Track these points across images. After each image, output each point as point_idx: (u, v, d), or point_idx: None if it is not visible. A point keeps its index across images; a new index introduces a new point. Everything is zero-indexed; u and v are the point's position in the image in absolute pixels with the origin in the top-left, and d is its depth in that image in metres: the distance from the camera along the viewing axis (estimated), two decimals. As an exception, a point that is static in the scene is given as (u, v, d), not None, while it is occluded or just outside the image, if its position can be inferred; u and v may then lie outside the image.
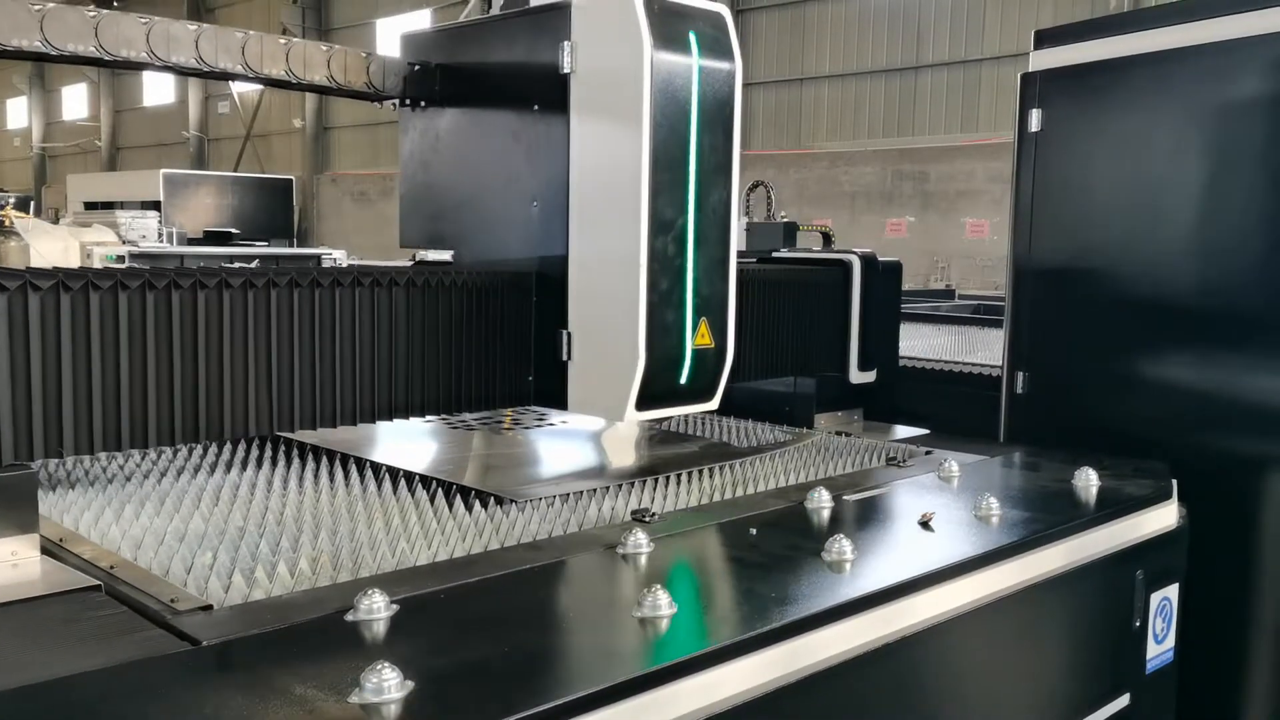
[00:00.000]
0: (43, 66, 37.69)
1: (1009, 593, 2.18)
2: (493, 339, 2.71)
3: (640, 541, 2.08)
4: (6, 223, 12.05)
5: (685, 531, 2.26)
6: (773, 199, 11.97)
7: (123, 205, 19.54)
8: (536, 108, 2.76)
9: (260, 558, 2.02)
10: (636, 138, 2.49)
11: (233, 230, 18.52)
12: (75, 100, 37.29)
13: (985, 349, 5.70)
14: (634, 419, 2.59)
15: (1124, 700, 2.55)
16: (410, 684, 1.43)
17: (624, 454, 2.86)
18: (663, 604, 1.73)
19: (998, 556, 2.18)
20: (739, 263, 2.77)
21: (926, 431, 3.40)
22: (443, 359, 2.62)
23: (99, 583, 1.83)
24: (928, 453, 3.12)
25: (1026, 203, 3.68)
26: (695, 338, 2.58)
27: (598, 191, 2.60)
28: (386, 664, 1.42)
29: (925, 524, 2.33)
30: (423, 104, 3.05)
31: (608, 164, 2.58)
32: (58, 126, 38.04)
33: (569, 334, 2.66)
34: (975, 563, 2.13)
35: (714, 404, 2.73)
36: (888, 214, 18.91)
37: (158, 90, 33.68)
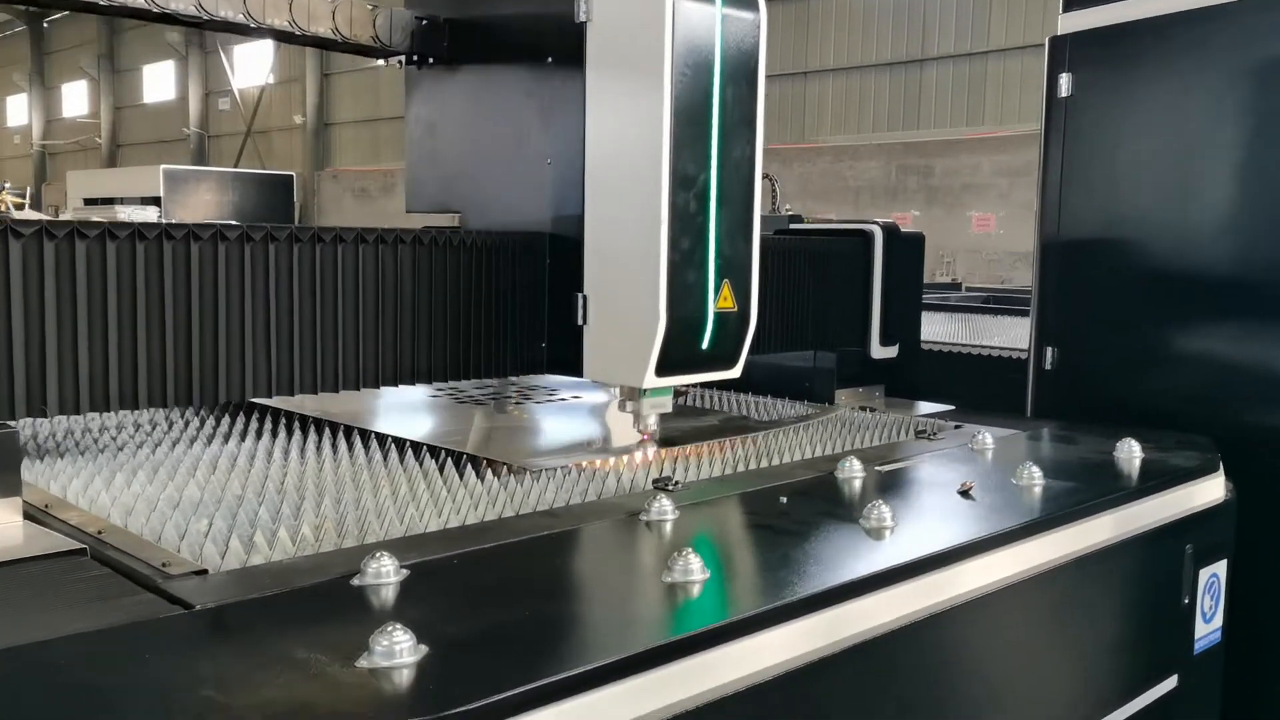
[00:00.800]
0: (42, 63, 37.61)
1: (1056, 565, 2.05)
2: (503, 303, 2.58)
3: (665, 508, 1.94)
4: (3, 207, 11.95)
5: (711, 500, 2.13)
6: (777, 192, 11.84)
7: (123, 201, 19.42)
8: (550, 60, 2.62)
9: (260, 524, 1.88)
10: (657, 90, 2.36)
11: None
12: (75, 97, 37.16)
13: (1000, 334, 5.59)
14: (654, 385, 2.45)
15: (1171, 682, 2.42)
16: (424, 648, 1.30)
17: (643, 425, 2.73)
18: (694, 568, 1.59)
19: (1044, 526, 2.05)
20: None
21: (952, 407, 3.27)
22: (449, 322, 2.49)
23: (84, 546, 1.70)
24: (957, 427, 2.99)
25: (1055, 173, 3.54)
26: (718, 300, 2.45)
27: (616, 147, 2.46)
28: (398, 626, 1.29)
29: (965, 493, 2.19)
30: (431, 60, 2.91)
31: (626, 118, 2.44)
32: (58, 124, 37.91)
33: (585, 297, 2.52)
34: (1023, 531, 1.99)
35: (736, 372, 2.59)
36: (892, 208, 18.76)
37: (158, 87, 33.56)
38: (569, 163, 2.56)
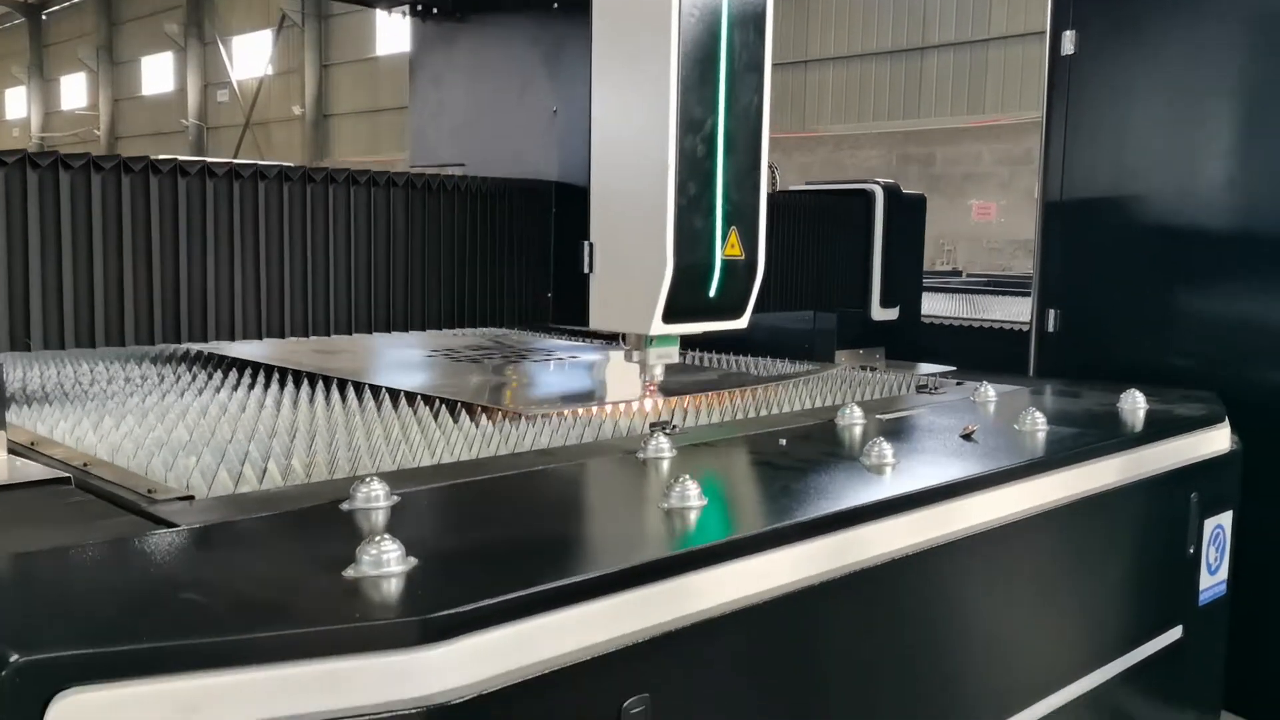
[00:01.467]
0: (41, 56, 37.51)
1: (1058, 505, 2.01)
2: (507, 251, 2.54)
3: (662, 446, 1.91)
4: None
5: (710, 442, 2.09)
6: (778, 181, 11.82)
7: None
8: (556, 5, 2.59)
9: (249, 460, 1.85)
10: (664, 34, 2.32)
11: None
12: (74, 89, 37.06)
13: (1002, 309, 5.55)
14: (660, 332, 2.41)
15: (1176, 632, 2.38)
16: (413, 560, 1.26)
17: (638, 381, 2.69)
18: (692, 495, 1.56)
19: (1047, 466, 2.01)
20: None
21: (954, 368, 3.23)
22: (450, 269, 2.44)
23: (68, 475, 1.66)
24: (959, 383, 2.95)
25: (1058, 132, 3.50)
26: (725, 247, 2.41)
27: (622, 92, 2.43)
28: (387, 537, 1.25)
29: (968, 436, 2.16)
30: (434, 10, 2.87)
31: (633, 63, 2.40)
32: (56, 116, 37.82)
33: (591, 245, 2.48)
34: (1025, 470, 1.95)
35: (743, 321, 2.56)
36: (893, 197, 18.68)
37: (156, 79, 33.47)
38: (575, 110, 2.53)
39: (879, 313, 3.37)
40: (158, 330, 2.01)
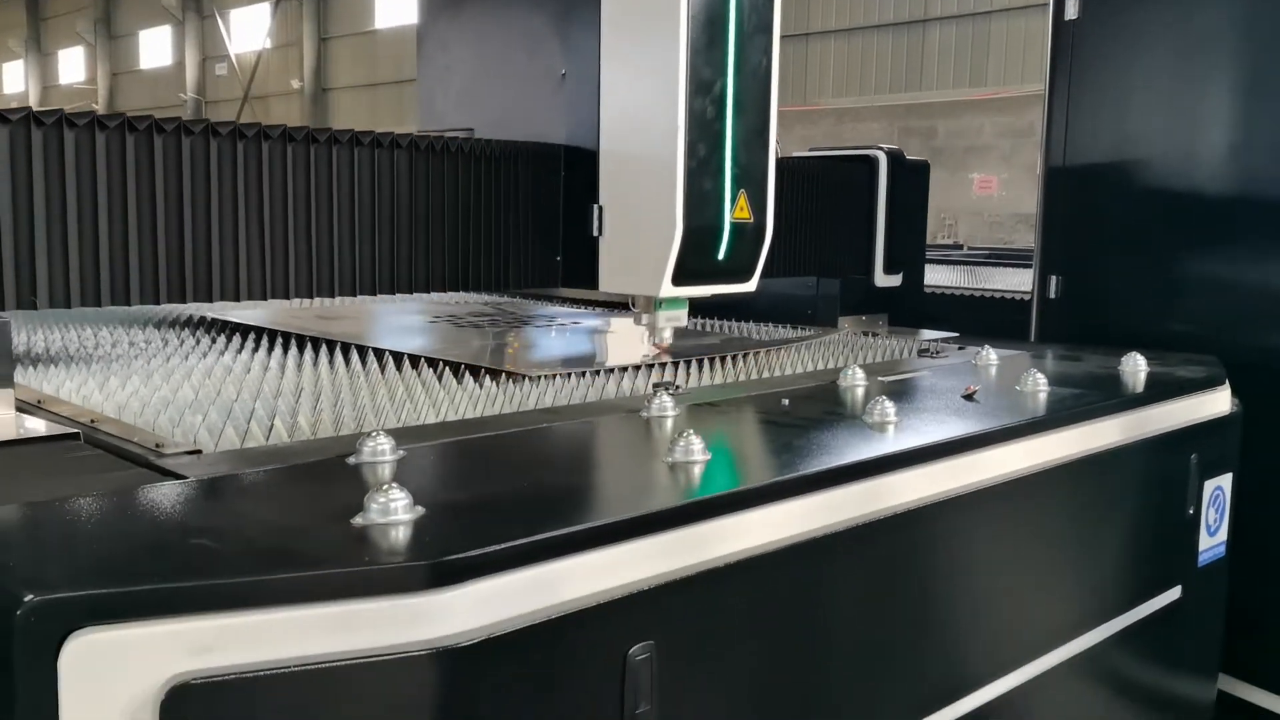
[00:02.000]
0: (38, 29, 37.30)
1: (1059, 464, 2.02)
2: (516, 214, 2.55)
3: (665, 405, 1.92)
4: None
5: (713, 401, 2.10)
6: (778, 153, 11.79)
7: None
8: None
9: (256, 418, 1.86)
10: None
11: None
12: (72, 63, 36.88)
13: (1003, 281, 5.55)
14: (670, 294, 2.43)
15: (1175, 593, 2.40)
16: (420, 509, 1.27)
17: (641, 345, 2.70)
18: (696, 450, 1.57)
19: (1049, 425, 2.02)
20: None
21: (956, 334, 3.23)
22: (461, 231, 2.45)
23: (77, 430, 1.67)
24: (960, 347, 2.96)
25: (1062, 98, 3.49)
26: (734, 210, 2.42)
27: (632, 54, 2.43)
28: (394, 486, 1.26)
29: (969, 397, 2.16)
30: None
31: (642, 25, 2.40)
32: (54, 90, 37.65)
33: (600, 208, 2.50)
34: (1027, 428, 1.96)
35: (752, 284, 2.58)
36: (894, 171, 18.63)
37: (154, 52, 33.31)
38: (585, 73, 2.53)
39: (882, 279, 3.38)
40: (163, 290, 2.02)
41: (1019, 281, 5.29)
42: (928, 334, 3.28)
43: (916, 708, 1.75)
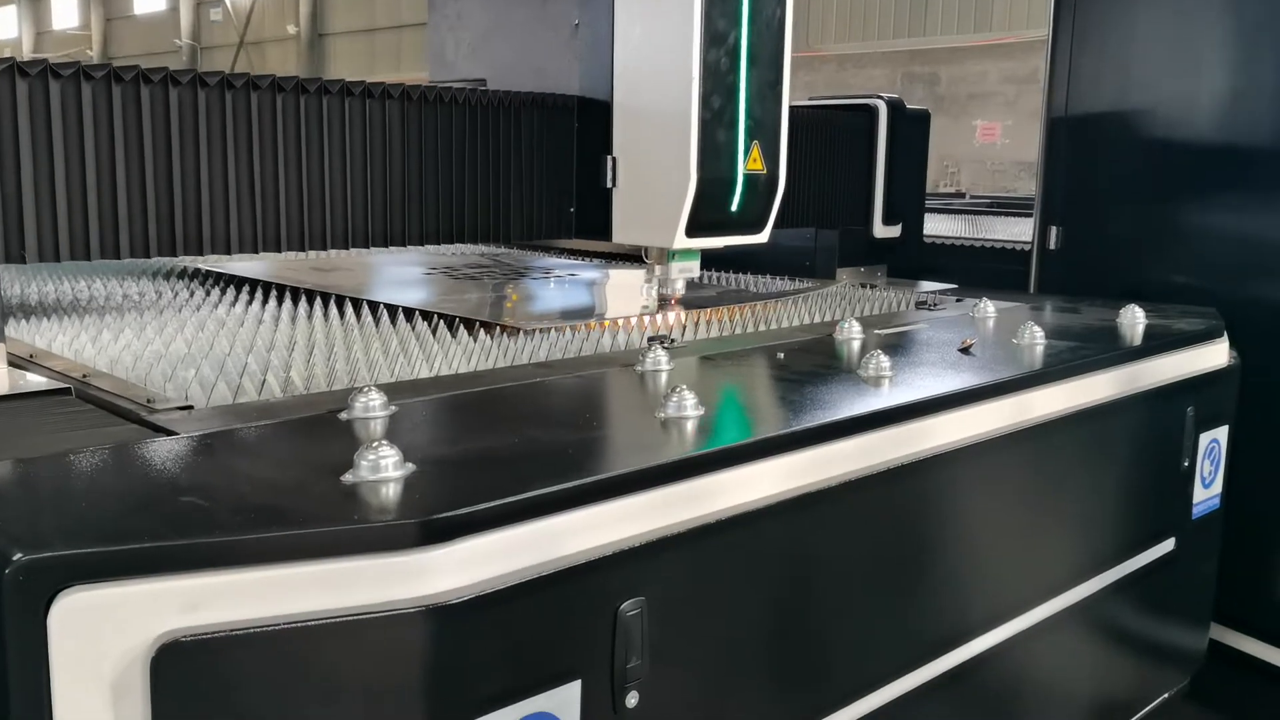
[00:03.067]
0: (30, -27, 36.74)
1: (1055, 417, 2.02)
2: (530, 165, 2.53)
3: (660, 359, 1.91)
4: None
5: (708, 355, 2.09)
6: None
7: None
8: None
9: (248, 373, 1.85)
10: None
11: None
12: (65, 9, 36.39)
13: (1005, 230, 5.52)
14: (683, 246, 2.43)
15: (1169, 545, 2.41)
16: (411, 466, 1.27)
17: (637, 297, 2.69)
18: (688, 405, 1.56)
19: (1044, 379, 2.01)
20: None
21: (954, 286, 3.22)
22: (475, 183, 2.43)
23: (68, 386, 1.66)
24: (959, 299, 2.95)
25: (1065, 45, 3.43)
26: (748, 161, 2.41)
27: (646, 4, 2.41)
28: (384, 443, 1.26)
29: (966, 350, 2.16)
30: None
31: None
32: (48, 36, 37.19)
33: (614, 159, 2.49)
34: (1023, 382, 1.96)
35: (764, 236, 2.58)
36: (897, 118, 18.42)
37: (149, -3, 32.85)
38: (598, 25, 2.51)
39: (881, 230, 3.35)
40: (153, 243, 2.00)
41: (1020, 231, 5.26)
42: (926, 286, 3.27)
43: (911, 660, 1.76)
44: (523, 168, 2.51)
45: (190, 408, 1.59)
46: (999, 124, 17.51)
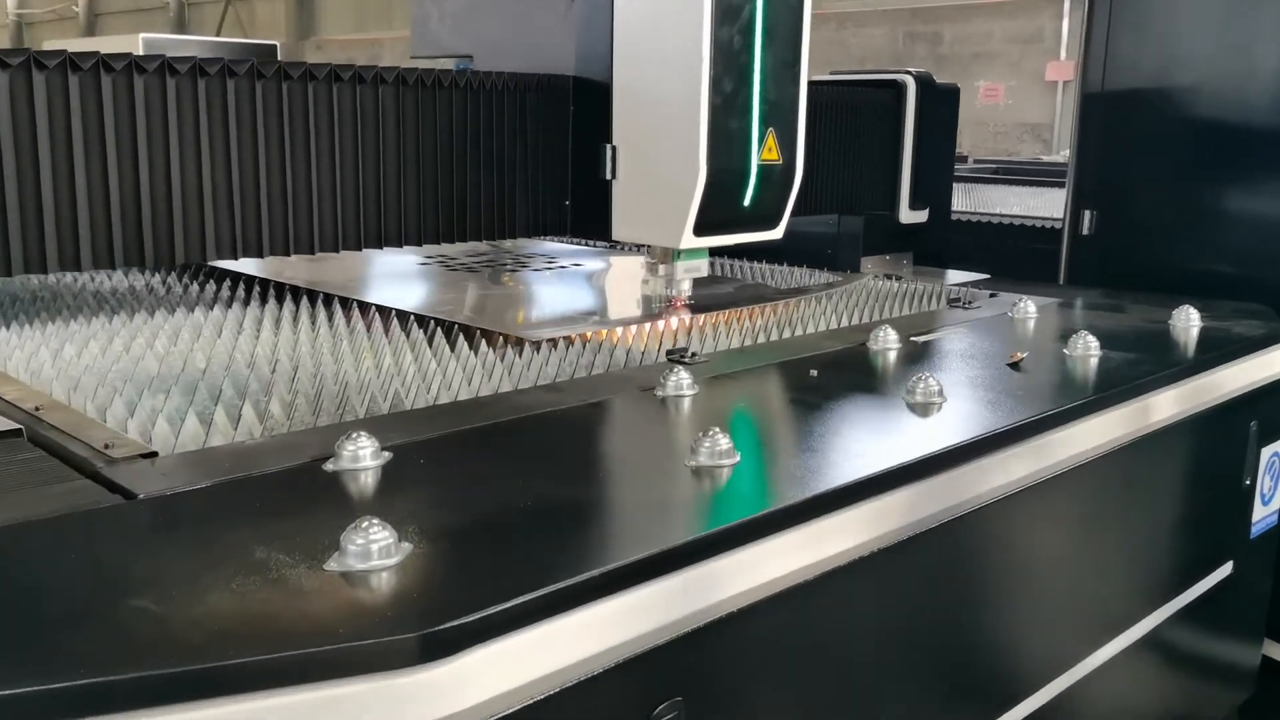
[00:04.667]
0: (12, -74, 35.95)
1: (1120, 444, 1.83)
2: (519, 155, 2.31)
3: (682, 382, 1.71)
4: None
5: (733, 373, 1.89)
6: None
7: (101, 71, 18.68)
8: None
9: (224, 400, 1.65)
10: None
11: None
12: (49, -37, 35.60)
13: (1018, 203, 5.31)
14: (691, 245, 2.21)
15: (1227, 569, 2.23)
16: (407, 546, 1.08)
17: (647, 295, 2.49)
18: (723, 450, 1.37)
19: (1107, 402, 1.82)
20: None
21: (986, 275, 3.02)
22: (458, 176, 2.22)
23: (19, 426, 1.46)
24: (992, 295, 2.75)
25: (1103, 13, 3.21)
26: (762, 151, 2.19)
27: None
28: (375, 522, 1.06)
29: (1015, 365, 1.96)
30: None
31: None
32: (32, -9, 36.45)
33: (614, 148, 2.25)
34: (1086, 408, 1.76)
35: (778, 232, 2.36)
36: (899, 78, 18.09)
37: (134, -49, 32.12)
38: None
39: (908, 215, 3.14)
40: (117, 254, 1.80)
41: (1034, 205, 5.05)
42: (955, 275, 3.06)
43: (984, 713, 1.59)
44: (511, 158, 2.29)
45: (154, 454, 1.39)
46: (1002, 85, 17.19)
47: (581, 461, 1.46)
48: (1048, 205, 4.89)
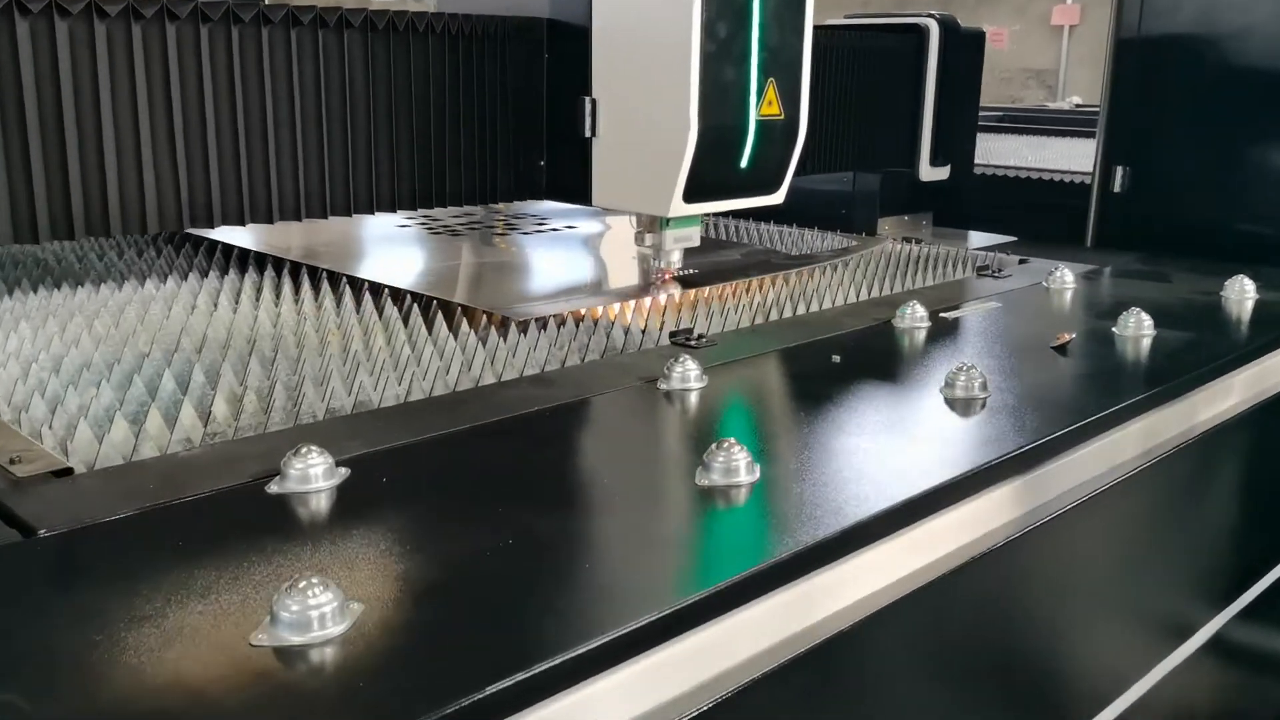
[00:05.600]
0: None
1: (1186, 439, 1.62)
2: (488, 109, 2.06)
3: (689, 373, 1.50)
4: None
5: (745, 359, 1.68)
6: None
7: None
8: None
9: (161, 396, 1.43)
10: None
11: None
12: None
13: (1031, 155, 5.04)
14: (681, 213, 1.96)
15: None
16: (357, 608, 0.87)
17: (648, 264, 2.26)
18: (740, 465, 1.16)
19: (1169, 394, 1.61)
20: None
21: (1013, 238, 2.79)
22: (415, 134, 1.98)
23: (-84, 437, 1.25)
24: (1022, 261, 2.53)
25: (1141, -47, 2.95)
26: (761, 105, 1.93)
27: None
28: (315, 582, 0.85)
29: (1061, 349, 1.75)
30: None
31: None
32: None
33: (594, 102, 2.00)
34: (1148, 402, 1.55)
35: (779, 197, 2.11)
36: (901, 22, 17.66)
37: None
38: None
39: (928, 172, 2.90)
40: (41, 228, 1.56)
41: (1046, 157, 4.79)
42: (978, 238, 2.84)
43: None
44: (479, 113, 2.04)
45: (69, 471, 1.17)
46: (1006, 29, 16.79)
47: (573, 482, 1.24)
48: (1056, 157, 4.63)
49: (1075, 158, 4.55)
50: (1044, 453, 1.33)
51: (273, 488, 1.13)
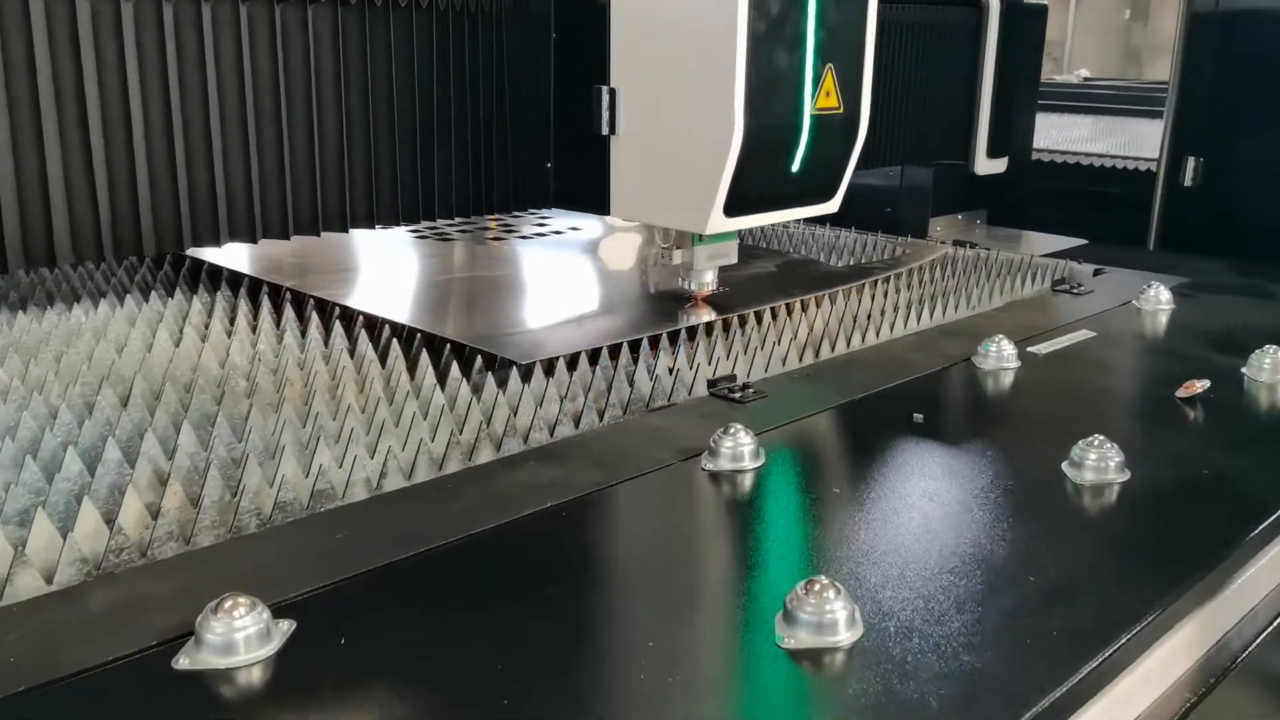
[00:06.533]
0: None
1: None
2: (481, 101, 1.72)
3: (742, 449, 1.17)
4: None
5: (804, 418, 1.35)
6: None
7: None
8: None
9: (57, 485, 1.10)
10: None
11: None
12: None
13: (1059, 135, 4.67)
14: (721, 229, 1.61)
15: None
16: None
17: (670, 279, 1.90)
18: (839, 618, 0.83)
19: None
20: None
21: (1083, 241, 2.46)
22: (402, 136, 1.63)
23: None
24: (1097, 271, 2.20)
25: (1223, -84, 2.61)
26: (818, 96, 1.59)
27: None
28: None
29: (1190, 400, 1.41)
30: None
31: None
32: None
33: (613, 92, 1.64)
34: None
35: (834, 205, 1.76)
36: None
37: None
38: None
39: (984, 165, 2.55)
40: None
41: (1075, 138, 4.42)
42: (1038, 241, 2.50)
43: None
44: (475, 109, 1.70)
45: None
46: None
47: (598, 635, 0.91)
48: (1082, 139, 4.27)
49: (1098, 138, 4.19)
50: (1230, 569, 1.01)
51: (182, 662, 0.80)
